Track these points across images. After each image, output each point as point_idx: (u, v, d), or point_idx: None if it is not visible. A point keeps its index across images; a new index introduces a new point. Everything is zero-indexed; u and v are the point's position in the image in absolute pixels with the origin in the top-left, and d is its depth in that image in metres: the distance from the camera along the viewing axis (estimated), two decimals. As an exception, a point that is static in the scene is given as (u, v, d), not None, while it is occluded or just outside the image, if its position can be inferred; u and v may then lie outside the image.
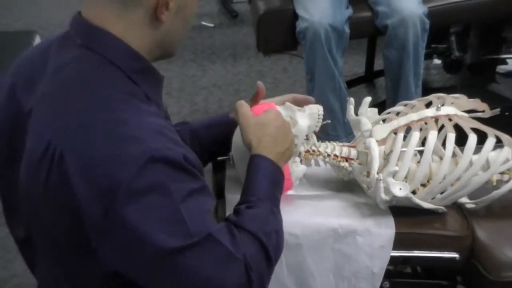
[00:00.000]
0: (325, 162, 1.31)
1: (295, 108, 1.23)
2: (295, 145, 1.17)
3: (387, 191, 1.18)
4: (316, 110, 1.24)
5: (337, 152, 1.27)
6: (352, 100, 1.34)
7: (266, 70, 3.36)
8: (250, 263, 0.90)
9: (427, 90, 2.24)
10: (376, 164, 1.21)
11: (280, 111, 1.17)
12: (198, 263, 0.86)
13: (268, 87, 1.29)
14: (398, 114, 1.34)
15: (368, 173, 1.25)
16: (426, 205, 1.23)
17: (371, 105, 1.34)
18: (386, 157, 1.26)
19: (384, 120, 1.33)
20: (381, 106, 2.04)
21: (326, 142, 1.29)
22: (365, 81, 3.05)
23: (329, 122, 1.33)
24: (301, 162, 1.28)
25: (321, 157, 1.28)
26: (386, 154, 1.26)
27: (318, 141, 1.29)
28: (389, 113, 1.36)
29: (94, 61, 0.90)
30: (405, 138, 1.27)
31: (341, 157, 1.28)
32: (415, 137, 1.24)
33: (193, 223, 0.85)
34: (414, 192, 1.24)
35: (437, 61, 2.86)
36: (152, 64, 0.96)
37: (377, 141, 1.24)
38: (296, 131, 1.19)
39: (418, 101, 1.35)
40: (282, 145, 1.09)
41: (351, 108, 1.33)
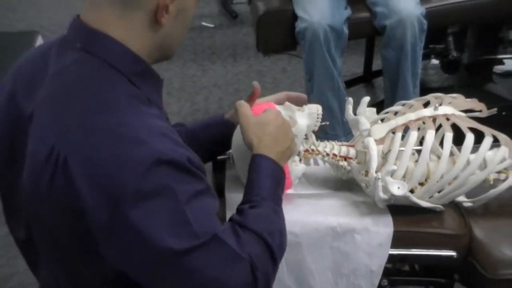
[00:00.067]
0: (324, 161, 1.31)
1: (295, 107, 1.24)
2: (295, 144, 1.17)
3: (385, 190, 1.19)
4: (315, 109, 1.25)
5: (336, 151, 1.28)
6: (350, 99, 1.34)
7: (265, 70, 3.37)
8: (255, 263, 0.90)
9: (425, 90, 2.24)
10: (374, 163, 1.22)
11: (279, 110, 1.17)
12: (204, 264, 0.86)
13: (268, 87, 1.30)
14: (396, 113, 1.34)
15: (367, 172, 1.25)
16: (424, 203, 1.24)
17: (370, 105, 1.34)
18: (384, 156, 1.27)
19: (382, 120, 1.34)
20: (379, 105, 2.06)
21: (325, 141, 1.30)
22: (363, 81, 3.06)
23: (328, 123, 1.33)
24: (300, 161, 1.28)
25: (320, 156, 1.29)
26: (384, 153, 1.27)
27: (317, 140, 1.29)
28: (387, 112, 1.36)
29: (94, 65, 0.89)
30: (403, 137, 1.28)
31: (340, 156, 1.28)
32: (413, 136, 1.24)
33: (199, 224, 0.85)
34: (412, 191, 1.24)
35: (435, 61, 2.86)
36: (151, 66, 0.95)
37: (375, 141, 1.25)
38: (296, 130, 1.20)
39: (416, 101, 1.35)
40: (282, 144, 1.09)
41: (349, 107, 1.33)
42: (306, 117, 1.24)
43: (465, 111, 1.33)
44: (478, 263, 1.24)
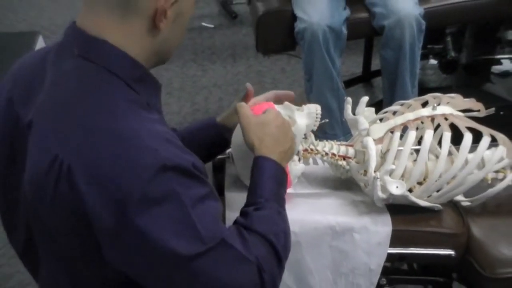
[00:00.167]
0: (323, 161, 1.32)
1: (294, 107, 1.25)
2: (295, 144, 1.17)
3: (384, 189, 1.20)
4: (314, 109, 1.25)
5: (334, 151, 1.29)
6: (349, 99, 1.34)
7: (265, 70, 3.37)
8: (262, 265, 0.91)
9: (423, 90, 2.25)
10: (373, 162, 1.22)
11: (279, 110, 1.18)
12: (212, 268, 0.86)
13: (267, 87, 1.31)
14: (394, 113, 1.35)
15: (365, 172, 1.26)
16: (423, 203, 1.25)
17: (368, 105, 1.35)
18: (383, 156, 1.27)
19: (381, 119, 1.34)
20: (378, 105, 2.06)
21: (324, 141, 1.30)
22: (362, 81, 3.06)
23: (327, 121, 1.34)
24: (299, 160, 1.29)
25: (319, 155, 1.29)
26: (383, 153, 1.27)
27: (316, 140, 1.30)
28: (386, 112, 1.37)
29: (92, 71, 0.88)
30: (401, 137, 1.28)
31: (339, 155, 1.29)
32: (411, 136, 1.25)
33: (205, 228, 0.85)
34: (410, 190, 1.25)
35: (433, 62, 2.86)
36: (150, 71, 0.95)
37: (374, 140, 1.25)
38: (295, 130, 1.20)
39: (415, 101, 1.36)
40: (283, 145, 1.09)
41: (348, 107, 1.33)
42: (305, 116, 1.24)
43: (463, 111, 1.34)
44: (476, 262, 1.24)
